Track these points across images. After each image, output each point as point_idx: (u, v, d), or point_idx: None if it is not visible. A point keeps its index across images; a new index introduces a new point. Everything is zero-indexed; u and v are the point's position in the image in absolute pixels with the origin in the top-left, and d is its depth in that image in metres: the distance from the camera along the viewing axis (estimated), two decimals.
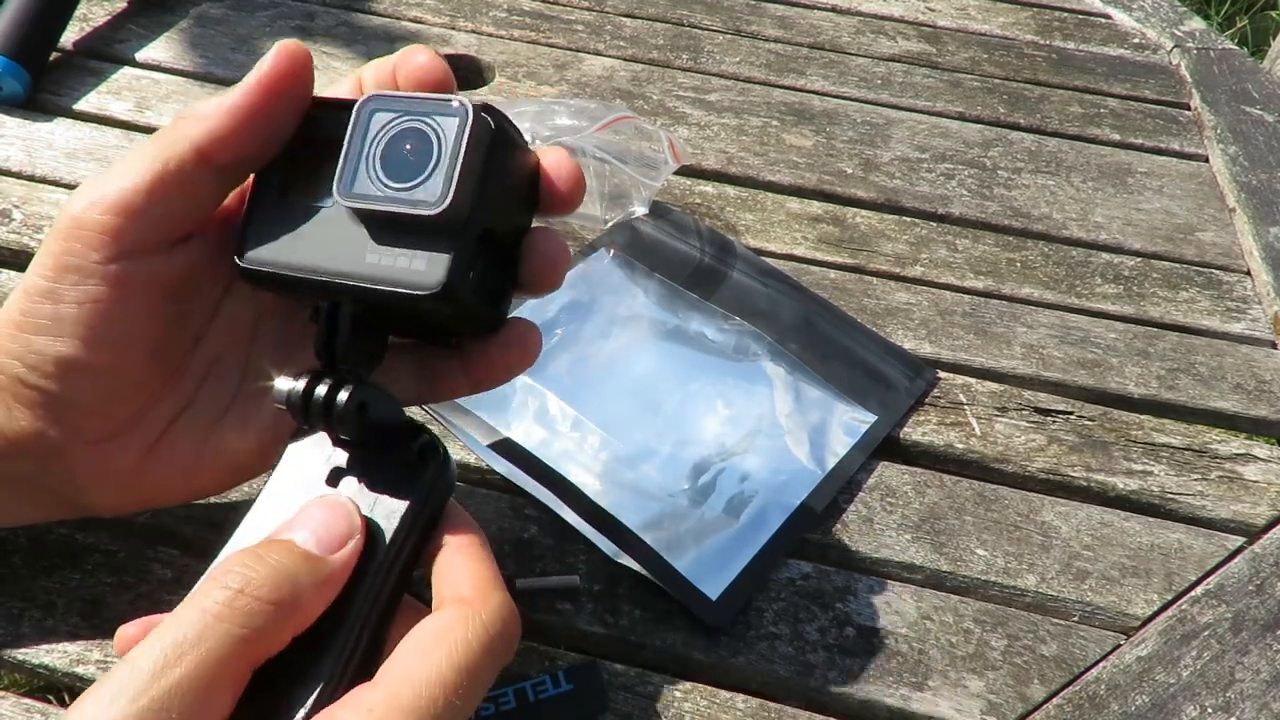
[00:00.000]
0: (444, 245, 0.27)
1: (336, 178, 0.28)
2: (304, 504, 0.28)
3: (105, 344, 0.30)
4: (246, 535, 0.28)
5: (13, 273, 0.50)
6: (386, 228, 0.28)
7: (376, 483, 0.29)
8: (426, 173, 0.27)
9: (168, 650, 0.24)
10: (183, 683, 0.24)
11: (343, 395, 0.27)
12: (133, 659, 0.24)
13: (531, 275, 0.32)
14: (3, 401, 0.31)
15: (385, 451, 0.29)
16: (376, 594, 0.27)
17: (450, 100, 0.28)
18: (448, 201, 0.27)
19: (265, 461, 0.34)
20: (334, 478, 0.29)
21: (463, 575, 0.29)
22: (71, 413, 0.31)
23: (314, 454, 0.30)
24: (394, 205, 0.27)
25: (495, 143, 0.28)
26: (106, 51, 0.65)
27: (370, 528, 0.28)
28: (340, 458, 0.29)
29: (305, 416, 0.28)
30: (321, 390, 0.28)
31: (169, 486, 0.34)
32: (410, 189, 0.27)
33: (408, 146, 0.28)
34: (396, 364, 0.34)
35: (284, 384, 0.28)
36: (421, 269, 0.27)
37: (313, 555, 0.27)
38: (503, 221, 0.30)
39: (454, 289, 0.27)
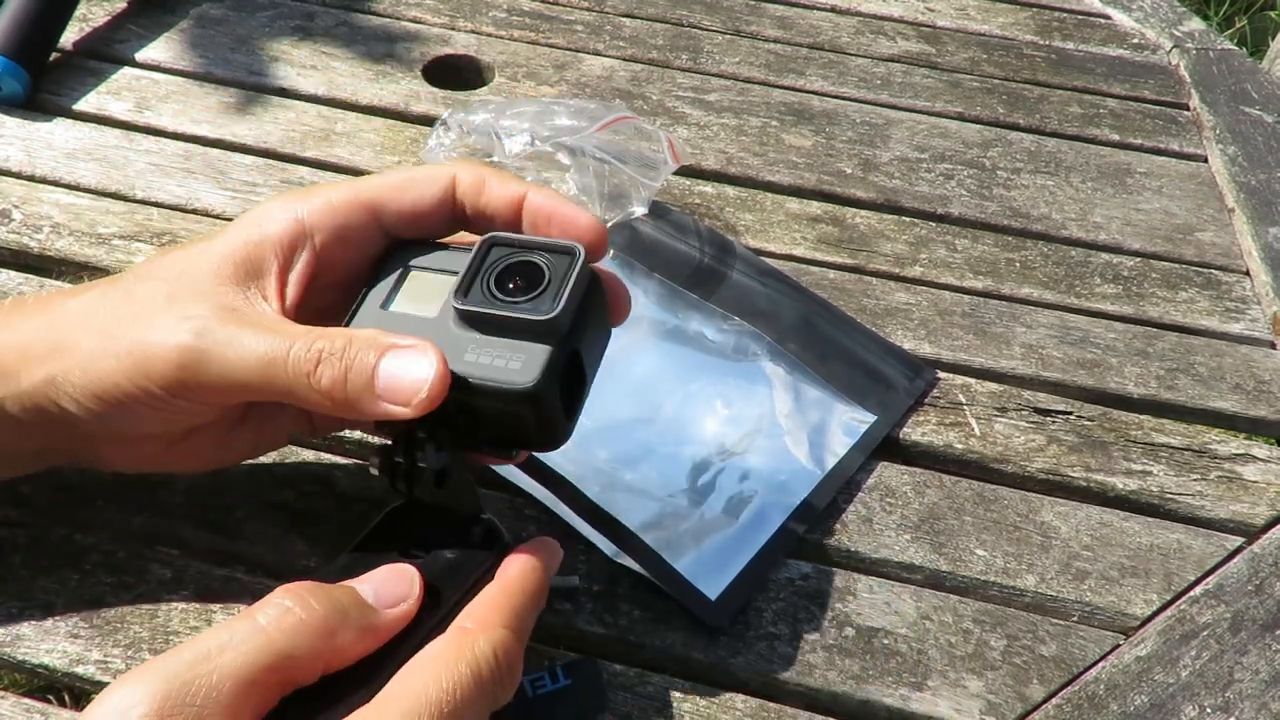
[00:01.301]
0: (539, 351, 0.31)
1: (454, 289, 0.32)
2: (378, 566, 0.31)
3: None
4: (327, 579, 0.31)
5: (12, 273, 0.50)
6: (491, 332, 0.31)
7: (444, 556, 0.32)
8: (536, 293, 0.31)
9: (212, 646, 0.26)
10: (214, 678, 0.25)
11: (426, 463, 0.31)
12: (181, 647, 0.26)
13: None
14: (50, 399, 0.32)
15: (457, 530, 0.33)
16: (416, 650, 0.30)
17: (564, 242, 0.32)
18: (556, 310, 0.30)
19: (276, 444, 0.39)
20: (412, 544, 0.33)
21: (478, 604, 0.31)
22: (114, 430, 0.33)
23: (403, 521, 0.34)
24: (506, 310, 0.31)
25: (594, 283, 0.33)
26: (106, 52, 0.65)
27: (431, 593, 0.31)
28: (419, 529, 0.33)
29: (393, 481, 0.32)
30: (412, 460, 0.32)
31: (185, 465, 0.37)
32: (519, 303, 0.31)
33: (519, 276, 0.32)
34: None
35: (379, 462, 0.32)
36: (517, 369, 0.30)
37: (367, 604, 0.29)
38: (588, 349, 0.33)
39: (543, 389, 0.30)
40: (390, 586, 0.30)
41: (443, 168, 0.35)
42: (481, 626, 0.29)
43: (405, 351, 0.30)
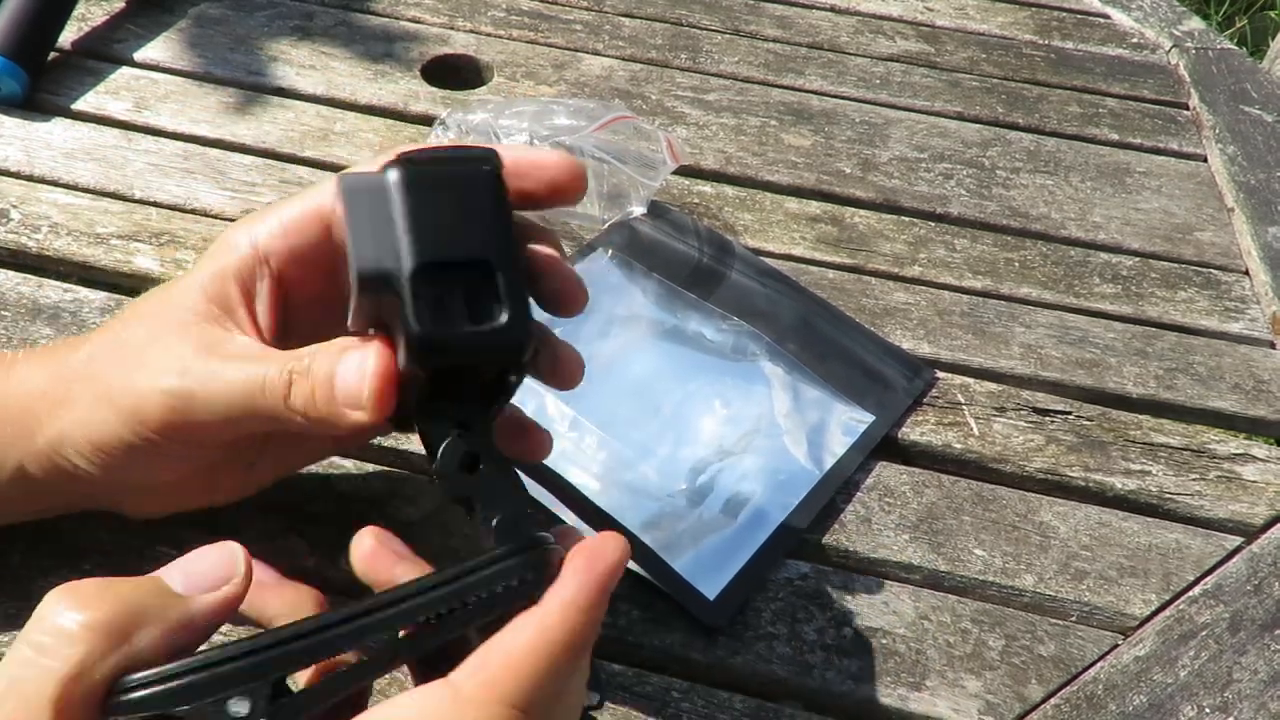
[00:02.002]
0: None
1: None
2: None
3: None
4: None
5: (10, 272, 0.50)
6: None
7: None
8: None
9: None
10: None
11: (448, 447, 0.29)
12: None
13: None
14: (63, 456, 0.32)
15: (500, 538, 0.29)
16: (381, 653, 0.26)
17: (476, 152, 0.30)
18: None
19: (313, 459, 0.39)
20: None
21: (491, 657, 0.26)
22: (127, 480, 0.33)
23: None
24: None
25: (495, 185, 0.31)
26: (105, 51, 0.65)
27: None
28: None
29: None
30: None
31: (215, 499, 0.36)
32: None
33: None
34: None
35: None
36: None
37: (171, 594, 0.25)
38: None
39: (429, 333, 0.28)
40: (202, 566, 0.26)
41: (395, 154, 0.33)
42: (480, 699, 0.24)
43: (353, 352, 0.29)
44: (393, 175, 0.29)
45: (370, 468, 0.43)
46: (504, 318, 0.28)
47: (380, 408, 0.28)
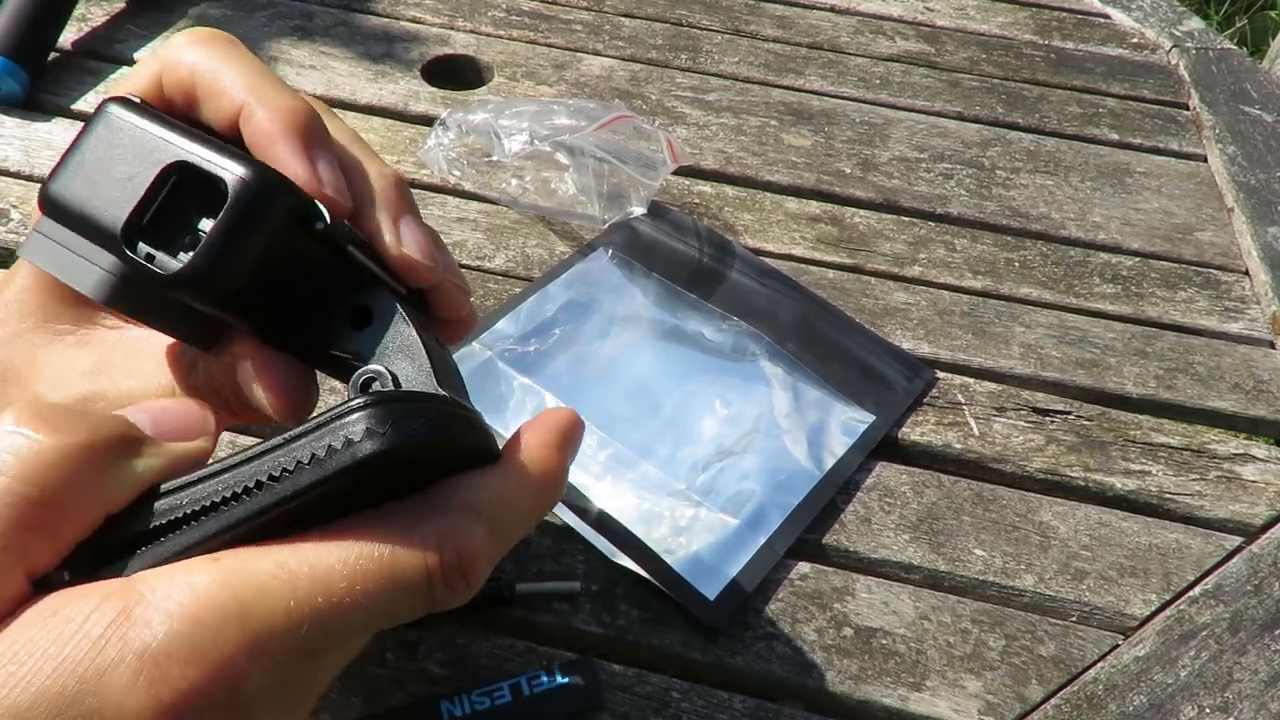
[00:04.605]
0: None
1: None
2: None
3: None
4: None
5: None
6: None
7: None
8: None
9: None
10: None
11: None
12: None
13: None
14: None
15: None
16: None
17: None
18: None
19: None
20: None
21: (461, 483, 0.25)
22: None
23: None
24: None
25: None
26: (105, 51, 0.65)
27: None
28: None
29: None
30: None
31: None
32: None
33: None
34: None
35: None
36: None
37: (137, 432, 0.24)
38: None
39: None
40: (172, 418, 0.25)
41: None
42: (445, 506, 0.24)
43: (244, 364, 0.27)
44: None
45: None
46: (236, 173, 0.24)
47: (283, 399, 0.26)
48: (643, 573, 0.40)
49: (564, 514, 0.41)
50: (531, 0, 0.76)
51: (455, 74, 0.69)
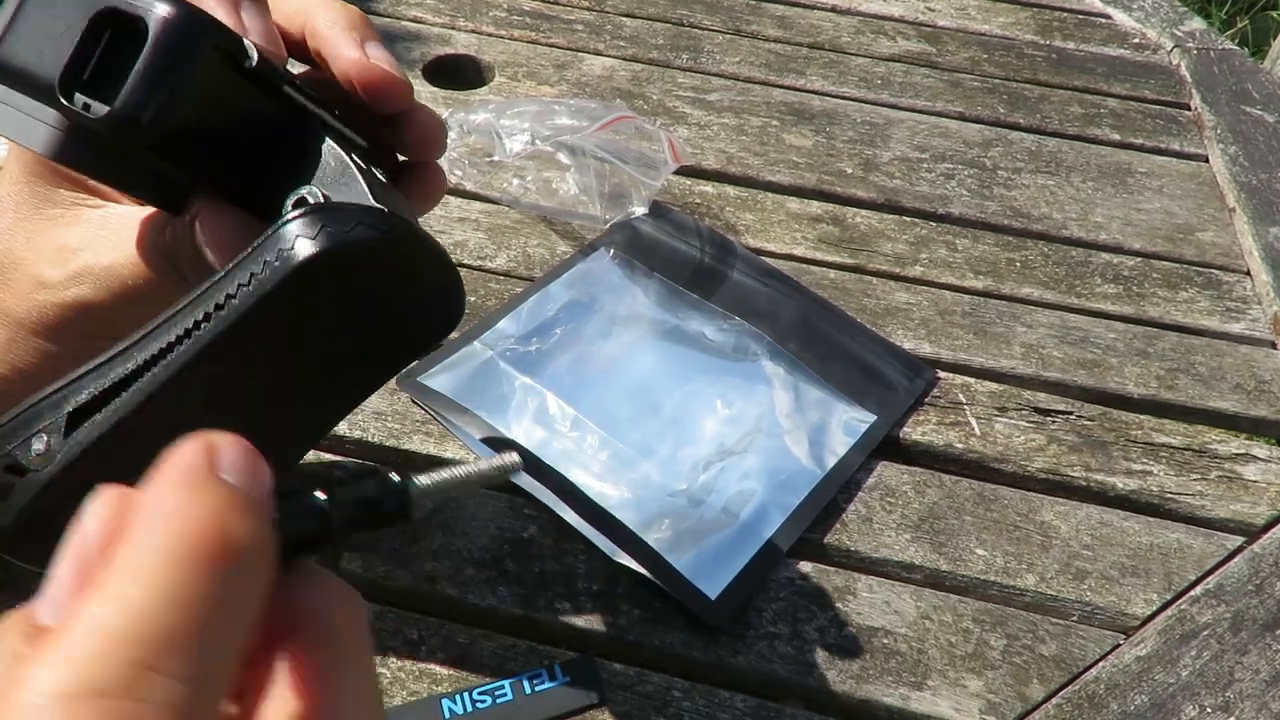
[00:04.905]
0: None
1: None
2: None
3: None
4: None
5: None
6: None
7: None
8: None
9: None
10: None
11: None
12: None
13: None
14: None
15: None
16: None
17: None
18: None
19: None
20: None
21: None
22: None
23: None
24: None
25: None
26: None
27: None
28: None
29: None
30: None
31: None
32: None
33: None
34: None
35: None
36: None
37: None
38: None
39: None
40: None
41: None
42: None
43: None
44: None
45: (370, 467, 0.43)
46: (158, 13, 0.23)
47: (228, 253, 0.24)
48: (644, 572, 0.40)
49: (565, 513, 0.41)
50: (533, 0, 0.76)
51: (457, 74, 0.69)
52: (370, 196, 0.24)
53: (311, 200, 0.24)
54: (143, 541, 0.15)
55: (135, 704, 0.14)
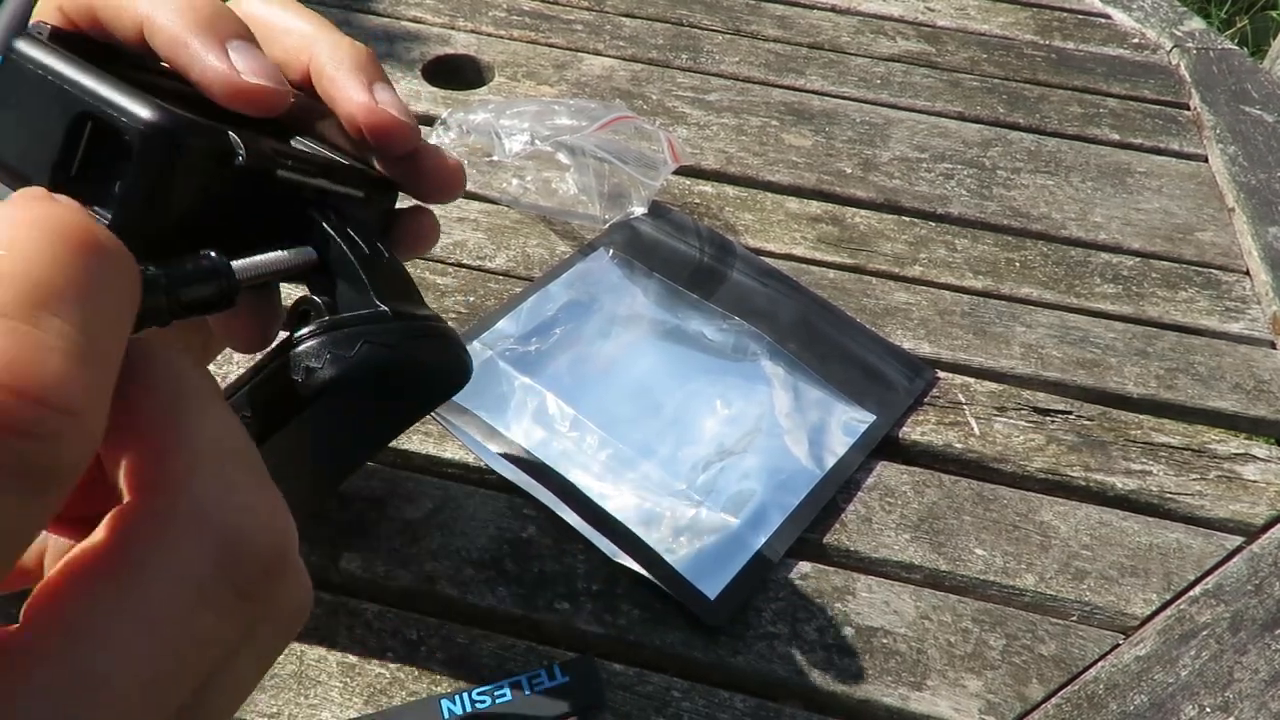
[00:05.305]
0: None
1: None
2: None
3: None
4: None
5: None
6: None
7: None
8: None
9: None
10: None
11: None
12: None
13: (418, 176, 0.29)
14: None
15: None
16: None
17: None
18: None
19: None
20: None
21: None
22: None
23: None
24: None
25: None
26: None
27: None
28: None
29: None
30: None
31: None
32: None
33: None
34: None
35: None
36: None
37: None
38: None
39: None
40: None
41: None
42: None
43: None
44: None
45: (370, 466, 0.43)
46: (136, 126, 0.22)
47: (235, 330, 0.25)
48: (644, 572, 0.40)
49: (564, 513, 0.41)
50: (533, 0, 0.76)
51: (456, 74, 0.69)
52: (370, 290, 0.25)
53: (314, 316, 0.24)
54: (18, 219, 0.15)
55: (34, 331, 0.14)
